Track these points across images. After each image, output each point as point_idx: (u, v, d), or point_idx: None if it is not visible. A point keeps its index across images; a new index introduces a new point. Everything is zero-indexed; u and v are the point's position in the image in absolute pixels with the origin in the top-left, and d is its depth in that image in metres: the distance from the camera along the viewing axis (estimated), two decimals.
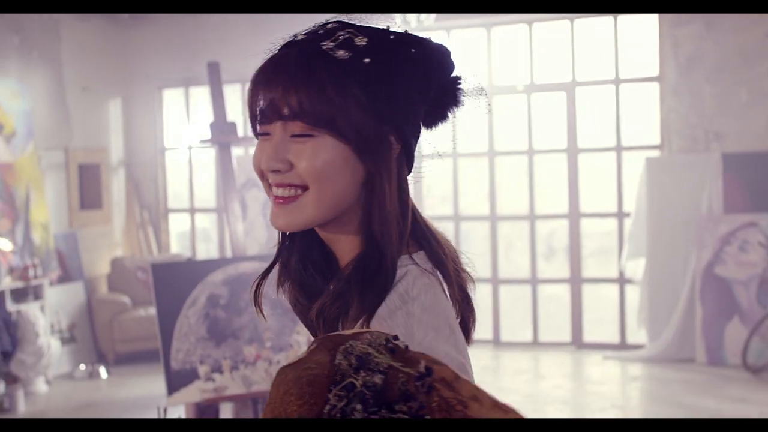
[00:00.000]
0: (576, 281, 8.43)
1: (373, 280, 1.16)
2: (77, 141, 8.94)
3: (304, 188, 1.19)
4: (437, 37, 1.37)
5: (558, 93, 8.38)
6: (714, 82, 7.72)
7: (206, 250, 9.78)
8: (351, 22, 1.25)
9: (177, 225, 9.81)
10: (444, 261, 1.23)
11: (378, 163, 1.21)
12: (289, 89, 1.18)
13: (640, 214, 7.82)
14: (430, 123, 1.30)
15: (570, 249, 8.48)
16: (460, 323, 1.25)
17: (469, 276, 1.32)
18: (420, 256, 1.21)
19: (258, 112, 1.22)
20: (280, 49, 1.25)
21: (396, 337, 1.04)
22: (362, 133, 1.19)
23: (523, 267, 8.73)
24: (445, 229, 1.34)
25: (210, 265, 4.73)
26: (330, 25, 1.23)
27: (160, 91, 9.59)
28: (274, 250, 1.36)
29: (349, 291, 1.18)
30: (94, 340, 8.62)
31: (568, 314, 8.47)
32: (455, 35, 8.59)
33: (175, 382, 4.46)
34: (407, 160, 1.26)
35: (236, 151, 8.69)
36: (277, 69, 1.21)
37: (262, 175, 1.23)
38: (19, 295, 7.64)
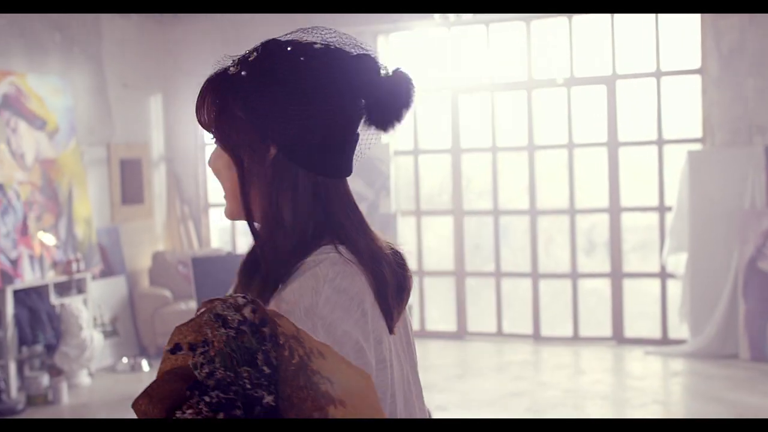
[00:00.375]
0: (617, 276, 8.37)
1: (279, 269, 1.31)
2: (119, 136, 9.02)
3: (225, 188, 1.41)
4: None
5: (598, 86, 8.32)
6: (757, 75, 7.62)
7: (247, 245, 9.82)
8: (286, 38, 1.38)
9: (217, 220, 9.87)
10: (364, 254, 1.32)
11: (241, 166, 1.34)
12: (202, 106, 1.40)
13: (682, 208, 7.75)
14: (380, 124, 1.38)
15: (611, 243, 8.42)
16: (382, 302, 1.32)
17: (403, 272, 1.39)
18: (343, 249, 1.31)
19: None
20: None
21: (255, 300, 1.17)
22: (230, 142, 1.35)
23: (563, 261, 8.69)
24: (484, 223, 1.38)
25: None
26: (261, 43, 1.38)
27: (198, 87, 9.63)
28: None
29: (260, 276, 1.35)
30: (136, 333, 8.71)
31: (609, 309, 8.41)
32: (494, 29, 8.56)
33: None
34: (307, 158, 1.32)
35: None
36: (203, 88, 1.42)
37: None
38: (63, 289, 7.74)
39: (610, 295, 8.41)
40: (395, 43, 9.00)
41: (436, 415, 5.70)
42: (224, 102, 1.36)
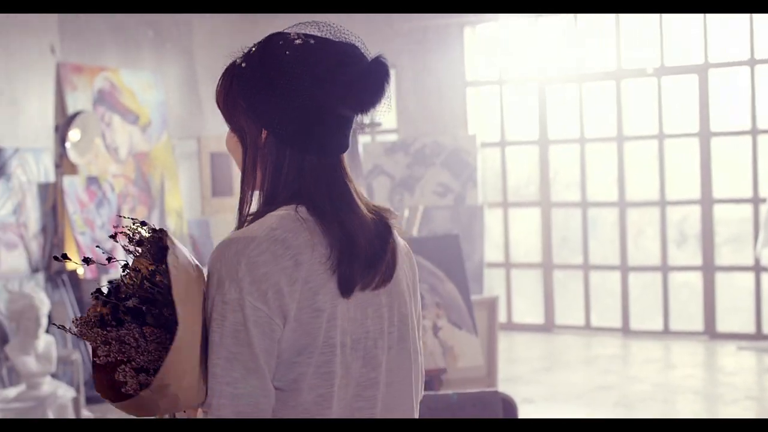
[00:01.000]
0: (709, 269, 8.20)
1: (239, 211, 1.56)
2: (209, 130, 9.18)
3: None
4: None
5: (690, 75, 8.15)
6: None
7: None
8: (282, 32, 1.59)
9: None
10: (329, 220, 1.48)
11: (245, 146, 1.56)
12: (216, 94, 1.61)
13: None
14: (356, 108, 1.52)
15: (702, 236, 8.25)
16: (338, 264, 1.46)
17: (382, 244, 1.54)
18: (303, 210, 1.49)
19: None
20: None
21: (161, 230, 1.47)
22: (236, 126, 1.56)
23: (654, 254, 8.55)
24: (572, 215, 1.44)
25: None
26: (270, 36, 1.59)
27: None
28: (402, 235, 1.65)
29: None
30: None
31: (701, 303, 8.25)
32: (582, 18, 8.45)
33: None
34: (292, 139, 1.51)
35: (362, 139, 8.78)
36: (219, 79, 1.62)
37: None
38: None
39: (702, 289, 8.25)
40: (482, 35, 8.96)
41: (523, 408, 5.67)
42: (229, 90, 1.57)
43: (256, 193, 1.57)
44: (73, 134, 6.89)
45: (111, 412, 6.20)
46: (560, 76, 8.67)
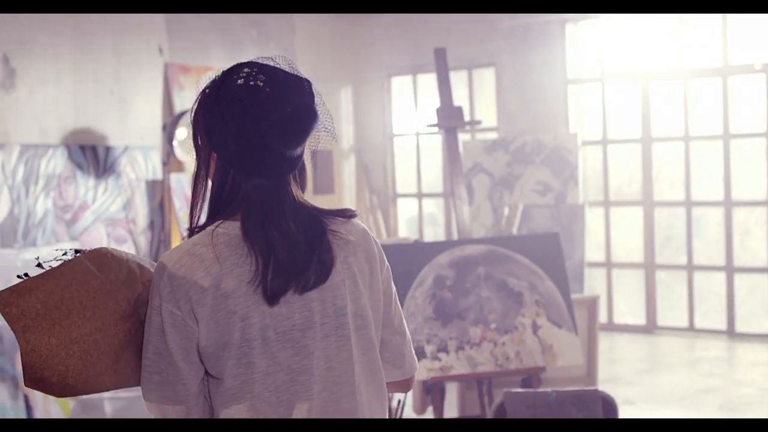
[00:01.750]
0: None
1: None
2: None
3: None
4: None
5: None
6: None
7: (433, 234, 9.95)
8: (248, 69, 1.79)
9: (405, 209, 10.04)
10: (252, 234, 1.72)
11: (198, 163, 1.80)
12: None
13: None
14: (283, 141, 1.73)
15: None
16: (257, 274, 1.70)
17: (307, 255, 1.76)
18: (230, 224, 1.74)
19: None
20: None
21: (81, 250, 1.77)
22: (194, 144, 1.81)
23: (761, 255, 8.33)
24: (675, 214, 1.44)
25: (437, 247, 4.82)
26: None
27: (389, 79, 9.83)
28: (501, 234, 1.77)
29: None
30: None
31: None
32: (686, 15, 8.29)
33: None
34: (238, 162, 1.74)
35: (462, 137, 8.79)
36: None
37: None
38: None
39: None
40: (584, 32, 8.87)
41: (623, 409, 5.61)
42: (194, 112, 1.82)
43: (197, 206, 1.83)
44: (180, 132, 7.08)
45: None
46: (664, 73, 8.52)
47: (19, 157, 6.27)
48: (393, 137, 9.88)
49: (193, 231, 1.79)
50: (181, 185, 7.36)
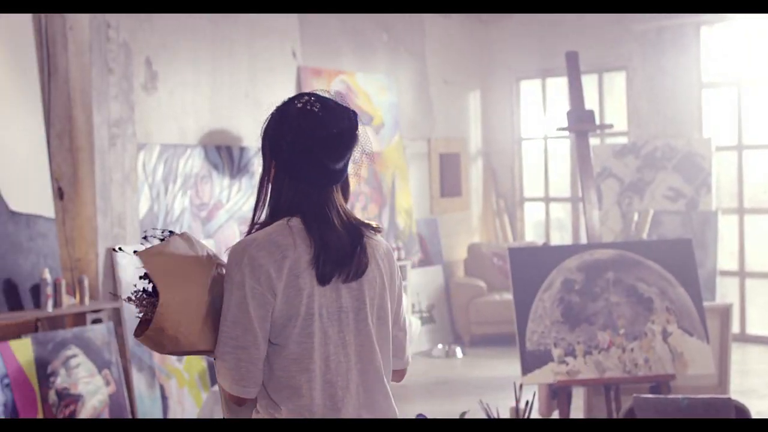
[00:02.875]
0: None
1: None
2: (439, 131, 9.37)
3: None
4: None
5: None
6: None
7: (560, 239, 9.87)
8: (305, 98, 2.18)
9: (532, 213, 9.99)
10: (313, 230, 2.12)
11: (264, 171, 2.20)
12: None
13: None
14: (327, 158, 2.14)
15: None
16: (316, 261, 2.10)
17: (351, 249, 2.15)
18: (295, 221, 2.13)
19: None
20: None
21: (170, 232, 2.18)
22: (263, 155, 2.20)
23: None
24: None
25: (566, 251, 4.81)
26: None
27: (518, 83, 9.80)
28: (630, 238, 1.92)
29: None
30: (451, 321, 9.02)
31: None
32: None
33: (530, 362, 4.59)
34: (294, 172, 2.14)
35: (591, 141, 8.69)
36: None
37: None
38: None
39: None
40: (720, 34, 8.66)
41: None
42: (263, 128, 2.20)
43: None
44: None
45: None
46: None
47: (159, 157, 6.53)
48: (521, 141, 9.85)
49: (253, 226, 2.17)
50: None
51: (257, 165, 7.18)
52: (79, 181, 6.07)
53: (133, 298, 2.15)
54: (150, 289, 2.13)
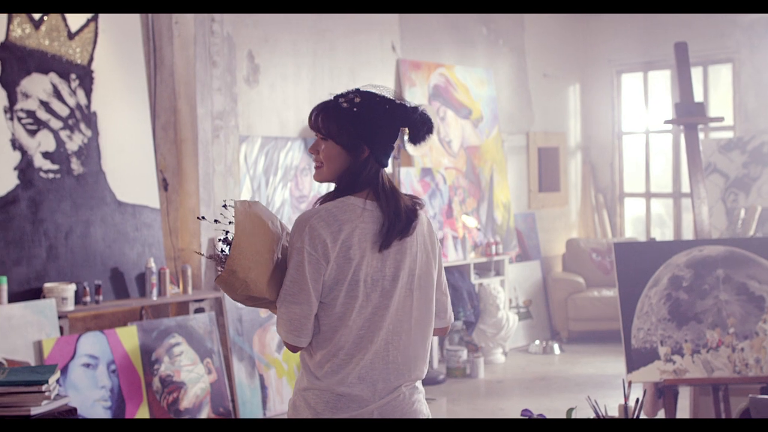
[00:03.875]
0: None
1: (327, 200, 2.47)
2: (537, 125, 9.27)
3: (322, 164, 2.48)
4: None
5: None
6: None
7: (660, 236, 9.66)
8: (368, 90, 2.50)
9: (632, 209, 9.80)
10: (385, 203, 2.43)
11: (352, 156, 2.44)
12: (319, 118, 2.47)
13: None
14: (414, 141, 2.50)
15: None
16: (383, 229, 2.42)
17: (409, 219, 2.48)
18: (364, 195, 2.45)
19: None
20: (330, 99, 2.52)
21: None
22: (343, 142, 2.44)
23: None
24: None
25: (673, 247, 4.69)
26: (353, 90, 2.50)
27: (619, 76, 9.63)
28: (736, 236, 1.97)
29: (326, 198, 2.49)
30: (549, 317, 8.91)
31: None
32: None
33: (635, 360, 4.49)
34: (379, 157, 2.45)
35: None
36: (320, 109, 2.48)
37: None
38: (482, 270, 8.12)
39: None
40: None
41: None
42: (342, 122, 2.44)
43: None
44: None
45: (438, 394, 6.42)
46: None
47: (260, 149, 6.59)
48: (621, 135, 9.67)
49: (323, 200, 2.48)
50: (410, 179, 7.50)
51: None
52: (183, 172, 6.17)
53: (216, 253, 2.50)
54: (227, 251, 2.45)
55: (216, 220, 2.58)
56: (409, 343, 2.49)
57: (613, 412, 3.65)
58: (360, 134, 2.43)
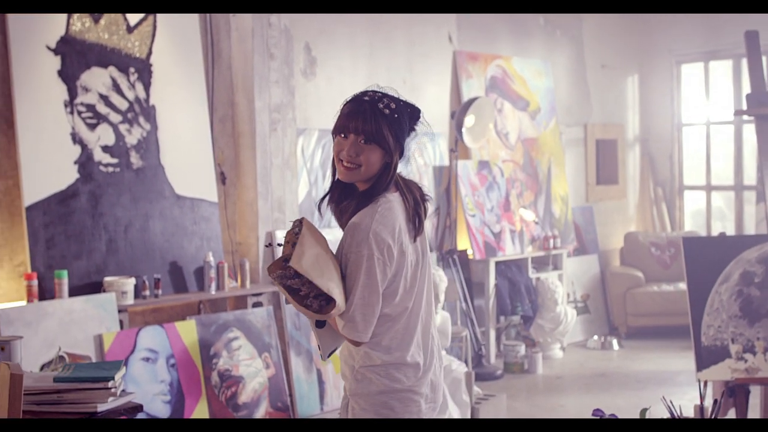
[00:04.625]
0: None
1: (368, 199, 2.63)
2: (595, 117, 9.12)
3: (359, 165, 2.60)
4: None
5: None
6: None
7: (721, 229, 9.47)
8: (386, 92, 2.65)
9: (691, 203, 9.62)
10: (407, 196, 2.65)
11: (389, 158, 2.62)
12: (363, 123, 2.59)
13: None
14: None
15: None
16: (413, 220, 2.65)
17: (424, 201, 2.73)
18: (395, 194, 2.65)
19: (342, 126, 2.63)
20: (358, 99, 2.66)
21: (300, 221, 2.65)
22: (387, 146, 2.60)
23: None
24: None
25: (745, 241, 4.56)
26: (379, 93, 2.64)
27: (678, 66, 9.44)
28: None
29: (356, 202, 2.65)
30: (607, 312, 8.78)
31: None
32: None
33: (705, 357, 4.37)
34: (405, 155, 2.66)
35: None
36: (358, 111, 2.61)
37: (338, 154, 2.64)
38: (540, 264, 8.02)
39: None
40: None
41: None
42: (389, 129, 2.61)
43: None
44: (469, 120, 7.13)
45: (496, 389, 6.37)
46: None
47: (317, 142, 6.55)
48: (681, 127, 9.49)
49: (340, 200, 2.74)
50: (467, 172, 7.42)
51: (413, 150, 7.10)
52: (241, 165, 6.15)
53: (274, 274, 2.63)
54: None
55: (279, 244, 2.70)
56: (430, 313, 2.79)
57: (687, 412, 3.55)
58: (399, 139, 2.63)
